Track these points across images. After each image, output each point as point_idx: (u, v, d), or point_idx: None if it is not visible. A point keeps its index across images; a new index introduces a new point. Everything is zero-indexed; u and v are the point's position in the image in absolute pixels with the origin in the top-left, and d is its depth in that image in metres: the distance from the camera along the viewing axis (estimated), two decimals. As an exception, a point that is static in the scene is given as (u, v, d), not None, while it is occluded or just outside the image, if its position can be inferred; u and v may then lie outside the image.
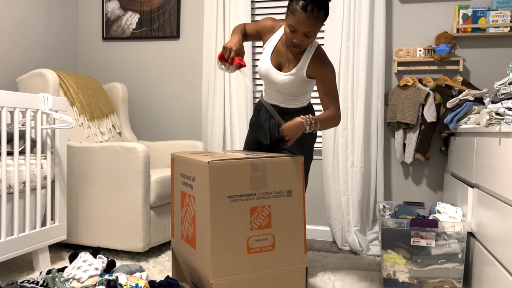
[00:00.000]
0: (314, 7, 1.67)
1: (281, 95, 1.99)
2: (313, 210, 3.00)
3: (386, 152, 2.86)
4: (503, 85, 1.82)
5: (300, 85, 1.92)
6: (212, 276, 1.58)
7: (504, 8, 2.61)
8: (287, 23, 1.76)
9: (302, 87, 1.94)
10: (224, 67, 1.85)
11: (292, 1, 1.72)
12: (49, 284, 1.74)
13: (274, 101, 2.04)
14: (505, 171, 1.51)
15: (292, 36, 1.76)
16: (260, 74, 2.00)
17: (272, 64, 1.93)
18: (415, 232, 2.01)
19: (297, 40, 1.76)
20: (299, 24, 1.70)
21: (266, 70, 1.95)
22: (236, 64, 1.82)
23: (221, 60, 1.85)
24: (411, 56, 2.76)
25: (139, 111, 3.37)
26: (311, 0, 1.67)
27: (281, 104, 2.03)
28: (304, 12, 1.67)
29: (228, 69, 1.85)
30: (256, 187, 1.65)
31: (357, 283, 2.13)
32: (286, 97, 1.99)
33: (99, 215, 2.42)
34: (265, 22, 1.99)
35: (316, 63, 1.86)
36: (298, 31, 1.73)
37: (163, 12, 3.26)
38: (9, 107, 1.92)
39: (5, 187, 1.91)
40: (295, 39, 1.76)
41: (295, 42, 1.76)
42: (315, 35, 1.78)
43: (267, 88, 2.04)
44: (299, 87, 1.93)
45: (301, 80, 1.90)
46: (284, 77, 1.91)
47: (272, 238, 1.68)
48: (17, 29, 2.85)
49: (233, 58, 1.81)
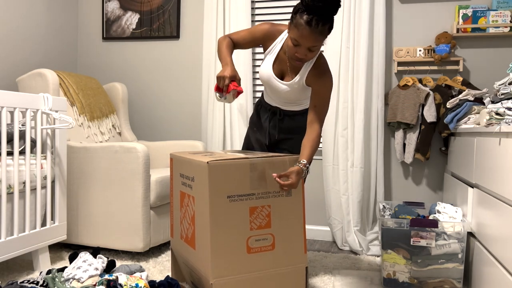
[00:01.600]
0: (319, 21, 1.59)
1: (283, 100, 1.98)
2: (313, 210, 3.00)
3: (386, 152, 2.85)
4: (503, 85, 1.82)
5: (301, 92, 1.89)
6: (212, 276, 1.58)
7: (504, 8, 2.61)
8: (290, 36, 1.69)
9: (304, 93, 1.91)
10: (221, 98, 1.78)
11: (296, 14, 1.64)
12: (49, 284, 1.74)
13: (275, 103, 2.02)
14: (505, 171, 1.51)
15: (295, 50, 1.69)
16: (261, 80, 1.96)
17: (274, 73, 1.89)
18: (415, 232, 2.01)
19: (300, 55, 1.69)
20: (303, 39, 1.63)
21: (268, 78, 1.92)
22: (233, 92, 1.75)
23: (218, 92, 1.79)
24: (411, 56, 2.76)
25: (139, 111, 3.37)
26: (316, 14, 1.59)
27: (282, 107, 2.01)
28: (308, 27, 1.60)
29: (226, 99, 1.78)
30: (255, 187, 1.65)
31: (357, 283, 2.12)
32: (288, 102, 1.98)
33: (99, 215, 2.42)
34: (262, 28, 1.91)
35: (315, 73, 1.82)
36: (301, 45, 1.66)
37: (163, 12, 3.26)
38: (9, 107, 1.92)
39: (5, 187, 1.91)
40: (298, 53, 1.69)
41: (298, 56, 1.70)
42: (319, 49, 1.72)
43: (269, 92, 2.01)
44: (301, 94, 1.91)
45: (302, 88, 1.87)
46: (285, 87, 1.88)
47: (272, 238, 1.68)
48: (17, 29, 2.85)
49: (227, 85, 1.74)
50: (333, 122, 2.76)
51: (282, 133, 2.04)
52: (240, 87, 1.76)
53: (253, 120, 2.17)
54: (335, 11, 1.64)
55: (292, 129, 2.01)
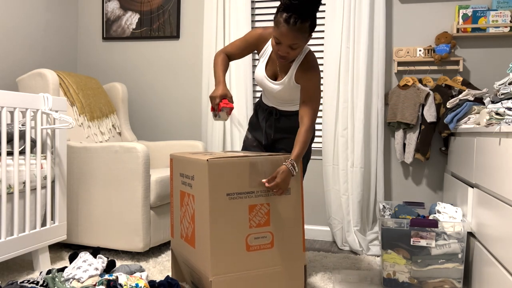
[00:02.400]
0: (297, 19, 1.63)
1: (278, 100, 2.01)
2: (313, 210, 3.00)
3: (386, 152, 2.86)
4: (503, 85, 1.81)
5: (293, 91, 1.92)
6: (211, 274, 1.58)
7: (504, 8, 2.61)
8: (273, 35, 1.74)
9: (296, 92, 1.93)
10: (216, 117, 1.87)
11: (277, 14, 1.69)
12: (49, 284, 1.74)
13: (272, 104, 2.05)
14: (505, 171, 1.51)
15: (278, 48, 1.73)
16: (256, 82, 2.01)
17: (267, 74, 1.94)
18: (415, 232, 2.01)
19: (282, 52, 1.74)
20: (283, 37, 1.68)
21: (261, 79, 1.96)
22: (226, 110, 1.82)
23: (212, 111, 1.88)
24: (411, 56, 2.76)
25: (139, 111, 3.37)
26: (294, 12, 1.63)
27: (278, 107, 2.04)
28: (287, 25, 1.64)
29: (220, 117, 1.86)
30: (254, 185, 1.66)
31: (357, 283, 2.12)
32: (283, 102, 2.01)
33: (99, 215, 2.42)
34: (255, 33, 1.95)
35: (302, 69, 1.84)
36: (282, 43, 1.70)
37: (163, 12, 3.26)
38: (9, 107, 1.92)
39: (5, 187, 1.91)
40: (279, 51, 1.74)
41: (280, 54, 1.75)
42: (301, 46, 1.74)
43: (265, 92, 2.06)
44: (293, 93, 1.94)
45: (294, 87, 1.90)
46: (277, 86, 1.92)
47: (271, 236, 1.68)
48: (17, 29, 2.85)
49: (218, 104, 1.82)
50: (333, 122, 2.76)
51: (278, 132, 2.07)
52: (230, 103, 1.83)
53: (252, 120, 2.19)
54: (314, 9, 1.67)
55: (288, 129, 2.03)
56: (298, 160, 1.74)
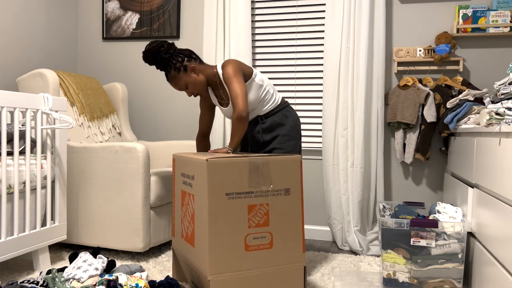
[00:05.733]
0: (164, 72, 2.10)
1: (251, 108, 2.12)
2: (313, 210, 3.00)
3: (386, 152, 2.86)
4: (503, 85, 1.81)
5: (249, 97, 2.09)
6: (210, 273, 1.59)
7: (504, 8, 2.61)
8: None
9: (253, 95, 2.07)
10: None
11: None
12: (49, 284, 1.74)
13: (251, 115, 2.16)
14: (505, 171, 1.51)
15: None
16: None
17: (219, 103, 2.19)
18: (415, 232, 2.01)
19: (187, 95, 2.13)
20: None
21: (220, 109, 2.22)
22: None
23: None
24: (411, 56, 2.76)
25: (139, 111, 3.37)
26: (157, 68, 2.09)
27: (259, 113, 2.15)
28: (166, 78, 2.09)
29: None
30: (254, 185, 1.66)
31: (357, 283, 2.12)
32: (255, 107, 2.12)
33: (99, 215, 2.42)
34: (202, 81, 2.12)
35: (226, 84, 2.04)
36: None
37: (163, 12, 3.26)
38: (9, 107, 1.92)
39: (5, 187, 1.91)
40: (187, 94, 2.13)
41: (188, 96, 2.15)
42: (186, 83, 2.06)
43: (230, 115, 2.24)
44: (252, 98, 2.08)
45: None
46: (226, 108, 2.15)
47: (270, 236, 1.68)
48: (17, 29, 2.86)
49: None
50: (333, 122, 2.76)
51: (266, 133, 2.15)
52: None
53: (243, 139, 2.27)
54: (155, 63, 2.06)
55: (273, 127, 2.14)
56: (235, 148, 1.96)
